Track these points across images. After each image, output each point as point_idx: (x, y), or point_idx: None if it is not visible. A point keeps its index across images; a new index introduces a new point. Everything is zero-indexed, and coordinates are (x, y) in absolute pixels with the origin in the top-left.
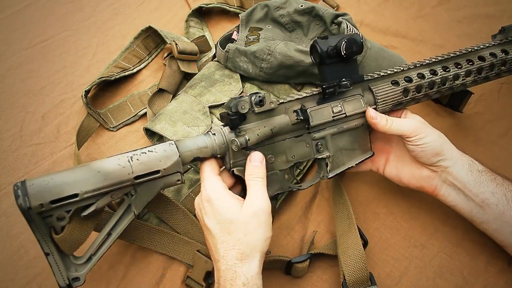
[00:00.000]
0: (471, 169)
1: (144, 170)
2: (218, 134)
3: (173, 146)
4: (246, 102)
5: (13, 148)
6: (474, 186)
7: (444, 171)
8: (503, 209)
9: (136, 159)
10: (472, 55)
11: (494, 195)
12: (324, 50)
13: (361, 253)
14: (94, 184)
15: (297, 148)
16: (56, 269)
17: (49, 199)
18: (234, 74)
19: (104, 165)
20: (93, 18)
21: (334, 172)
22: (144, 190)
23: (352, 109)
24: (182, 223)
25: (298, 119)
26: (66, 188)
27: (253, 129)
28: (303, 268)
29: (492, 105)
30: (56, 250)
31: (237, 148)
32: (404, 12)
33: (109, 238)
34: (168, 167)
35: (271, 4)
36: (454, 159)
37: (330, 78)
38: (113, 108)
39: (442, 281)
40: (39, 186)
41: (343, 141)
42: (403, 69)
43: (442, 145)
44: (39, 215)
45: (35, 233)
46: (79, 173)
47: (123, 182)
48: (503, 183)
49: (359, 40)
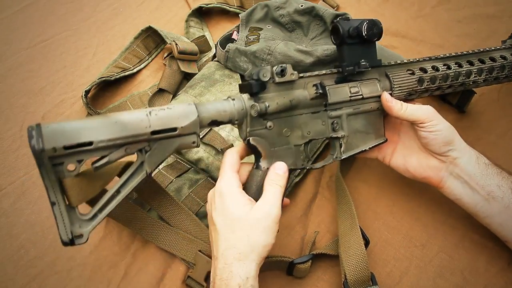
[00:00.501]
0: (479, 162)
1: (162, 126)
2: (238, 100)
3: (192, 106)
4: (268, 70)
5: (13, 148)
6: (480, 178)
7: (452, 163)
8: (508, 202)
9: (154, 114)
10: (484, 55)
11: (500, 188)
12: (345, 29)
13: (363, 252)
14: (110, 134)
15: (313, 124)
16: (61, 221)
17: (63, 144)
18: (234, 74)
19: (122, 117)
20: (93, 18)
21: (347, 154)
22: (159, 147)
23: (369, 92)
24: (184, 223)
25: (317, 93)
26: (81, 134)
27: (272, 98)
28: (305, 268)
29: (492, 105)
30: (62, 200)
31: (256, 114)
32: (404, 12)
33: (118, 196)
34: (185, 126)
35: (271, 4)
36: (463, 151)
37: (349, 58)
38: (113, 108)
39: (443, 281)
40: (54, 129)
41: (358, 123)
42: (419, 60)
43: (452, 134)
44: (50, 161)
45: (44, 179)
46: (96, 122)
47: (140, 135)
48: (508, 177)
49: (380, 24)
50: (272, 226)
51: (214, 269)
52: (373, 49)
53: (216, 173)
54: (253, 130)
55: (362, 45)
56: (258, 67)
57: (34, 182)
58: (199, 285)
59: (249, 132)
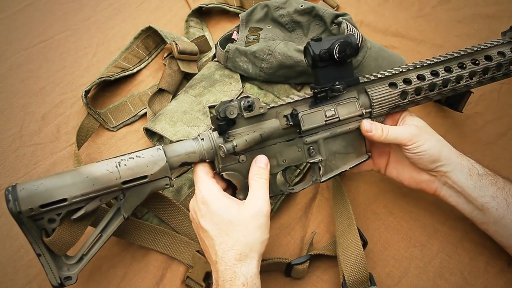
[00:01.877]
0: (471, 173)
1: (132, 176)
2: (206, 139)
3: (160, 151)
4: (235, 107)
5: (13, 148)
6: (473, 190)
7: (443, 176)
8: (503, 213)
9: (123, 164)
10: (479, 55)
11: (494, 199)
12: (316, 53)
13: (361, 253)
14: (83, 189)
15: (289, 152)
16: (48, 269)
17: (38, 204)
18: (234, 74)
19: (92, 171)
20: (93, 18)
21: (327, 176)
22: (133, 194)
23: (347, 113)
24: (183, 224)
25: (288, 124)
26: (55, 192)
27: (241, 134)
28: (303, 269)
29: (492, 105)
30: (47, 251)
31: (224, 154)
32: (404, 12)
33: (100, 239)
34: (155, 172)
35: (271, 4)
36: (454, 164)
37: (323, 81)
38: (113, 108)
39: (442, 281)
40: (29, 190)
41: (336, 145)
42: (402, 70)
43: (440, 151)
44: (30, 218)
45: (27, 236)
46: (68, 178)
47: (111, 187)
48: (504, 187)
49: (354, 42)
50: (265, 221)
51: (216, 271)
52: (349, 68)
53: None
54: (225, 166)
55: (336, 66)
56: (225, 104)
57: None
58: (198, 285)
59: (221, 168)
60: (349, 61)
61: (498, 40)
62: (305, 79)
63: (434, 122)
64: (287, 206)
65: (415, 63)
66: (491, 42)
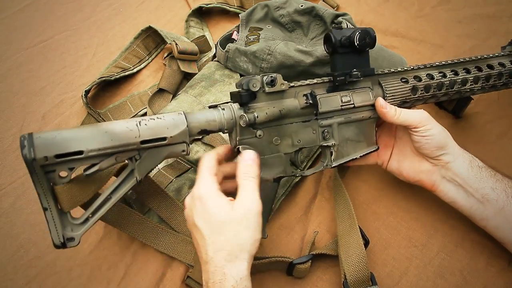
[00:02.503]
0: (472, 165)
1: (151, 136)
2: (227, 109)
3: (181, 115)
4: (258, 80)
5: (13, 148)
6: (474, 181)
7: (444, 166)
8: (503, 204)
9: (144, 123)
10: (481, 63)
11: (494, 190)
12: (337, 39)
13: (362, 253)
14: (100, 143)
15: (304, 133)
16: (53, 225)
17: (54, 153)
18: (234, 74)
19: (112, 126)
20: (93, 18)
21: (338, 162)
22: (149, 156)
23: (361, 101)
24: (183, 223)
25: (307, 103)
26: (72, 144)
27: (262, 108)
28: (305, 269)
29: (492, 105)
30: (54, 206)
31: (245, 124)
32: (404, 12)
33: (109, 202)
34: (174, 136)
35: (271, 4)
36: (456, 155)
37: (341, 67)
38: (113, 108)
39: (442, 281)
40: (45, 139)
41: (349, 132)
42: (413, 67)
43: (445, 138)
44: (42, 169)
45: (36, 186)
46: (87, 131)
47: (129, 145)
48: (502, 179)
49: (373, 34)
50: (256, 221)
51: (205, 272)
52: (366, 58)
53: None
54: (242, 139)
55: (354, 54)
56: (248, 77)
57: None
58: (199, 285)
59: (238, 141)
60: (366, 51)
61: (498, 53)
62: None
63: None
64: (287, 206)
65: (424, 64)
66: (492, 54)
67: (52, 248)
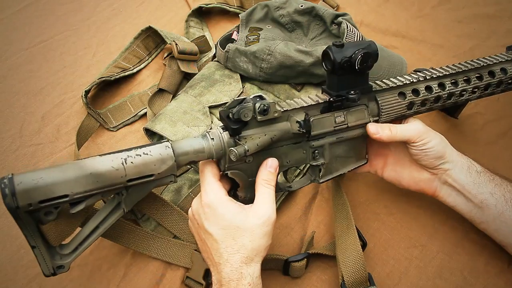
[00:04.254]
0: (470, 171)
1: (138, 174)
2: (217, 139)
3: (169, 149)
4: (250, 110)
5: (13, 148)
6: (473, 187)
7: (444, 174)
8: (502, 210)
9: (130, 161)
10: (483, 70)
11: (492, 195)
12: (337, 61)
13: (360, 254)
14: (86, 185)
15: (294, 154)
16: (42, 260)
17: (37, 199)
18: (234, 74)
19: (97, 166)
20: (93, 18)
21: (325, 178)
22: (136, 190)
23: (355, 120)
24: (177, 225)
25: (300, 131)
26: (56, 188)
27: (253, 137)
28: (300, 267)
29: (492, 105)
30: (42, 243)
31: (235, 158)
32: (404, 12)
33: (96, 232)
34: (162, 172)
35: (271, 4)
36: (454, 162)
37: (338, 87)
38: (113, 108)
39: (442, 281)
40: (27, 185)
41: (340, 150)
42: (412, 80)
43: (444, 148)
44: (27, 213)
45: (22, 230)
46: (70, 172)
47: (115, 184)
48: (501, 183)
49: (375, 52)
50: (271, 229)
51: (218, 273)
52: (365, 76)
53: None
54: (231, 166)
55: (354, 74)
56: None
57: None
58: (198, 284)
59: (227, 167)
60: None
61: (502, 55)
62: (305, 79)
63: (435, 122)
64: (287, 206)
65: (424, 73)
66: (496, 57)
67: None
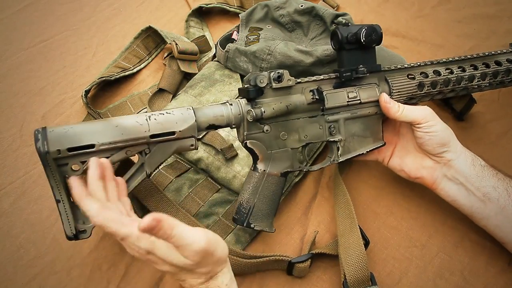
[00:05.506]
0: (474, 164)
1: (160, 130)
2: (235, 104)
3: (190, 110)
4: (265, 76)
5: (13, 148)
6: (476, 180)
7: (446, 164)
8: (504, 204)
9: (153, 118)
10: (489, 59)
11: (495, 189)
12: (344, 35)
13: (362, 253)
14: (111, 137)
15: (310, 128)
16: (65, 217)
17: (66, 146)
18: (234, 74)
19: (122, 121)
20: (93, 18)
21: (345, 157)
22: (158, 150)
23: (367, 97)
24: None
25: (313, 98)
26: (84, 137)
27: (269, 104)
28: (304, 268)
29: (492, 105)
30: (67, 198)
31: (252, 119)
32: (404, 12)
33: None
34: (183, 130)
35: (271, 4)
36: (458, 153)
37: (348, 64)
38: (113, 108)
39: (442, 281)
40: (58, 132)
41: (355, 127)
42: (420, 64)
43: (449, 136)
44: (55, 162)
45: (49, 179)
46: (98, 125)
47: (139, 138)
48: (504, 178)
49: (379, 30)
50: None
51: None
52: (372, 54)
53: (215, 173)
54: (250, 134)
55: (361, 51)
56: (256, 73)
57: (34, 182)
58: None
59: (246, 136)
60: (372, 48)
61: (506, 49)
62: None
63: None
64: (287, 206)
65: (431, 60)
66: (500, 51)
67: (52, 248)
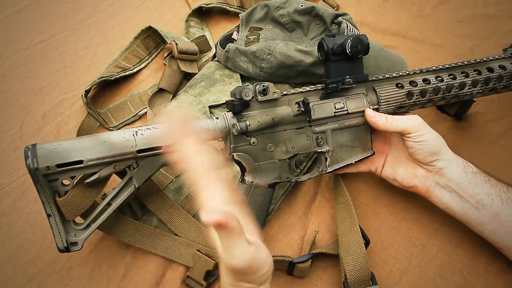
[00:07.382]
0: (466, 171)
1: (147, 145)
2: (221, 118)
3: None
4: (250, 90)
5: (13, 148)
6: (469, 187)
7: (438, 172)
8: (497, 210)
9: (140, 133)
10: (481, 66)
11: (488, 196)
12: (330, 47)
13: (363, 252)
14: (99, 153)
15: (298, 139)
16: (56, 231)
17: (55, 162)
18: (234, 74)
19: (109, 137)
20: (93, 18)
21: (333, 167)
22: (146, 164)
23: (355, 107)
24: (183, 226)
25: (299, 110)
26: (72, 153)
27: (255, 116)
28: (305, 268)
29: (492, 105)
30: (58, 213)
31: (237, 132)
32: (404, 12)
33: (109, 208)
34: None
35: (271, 4)
36: (450, 161)
37: (334, 75)
38: (113, 108)
39: (442, 281)
40: (48, 149)
41: (343, 138)
42: (409, 73)
43: (439, 145)
44: (45, 178)
45: (40, 194)
46: (86, 141)
47: (126, 154)
48: (497, 184)
49: (366, 41)
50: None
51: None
52: (359, 64)
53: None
54: (236, 147)
55: (347, 61)
56: (241, 86)
57: None
58: (199, 284)
59: (233, 149)
60: (359, 58)
61: (499, 55)
62: (305, 79)
63: (435, 122)
64: (287, 206)
65: (421, 68)
66: (492, 56)
67: (52, 248)
